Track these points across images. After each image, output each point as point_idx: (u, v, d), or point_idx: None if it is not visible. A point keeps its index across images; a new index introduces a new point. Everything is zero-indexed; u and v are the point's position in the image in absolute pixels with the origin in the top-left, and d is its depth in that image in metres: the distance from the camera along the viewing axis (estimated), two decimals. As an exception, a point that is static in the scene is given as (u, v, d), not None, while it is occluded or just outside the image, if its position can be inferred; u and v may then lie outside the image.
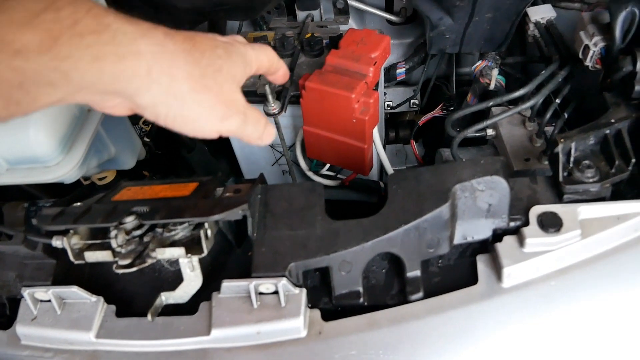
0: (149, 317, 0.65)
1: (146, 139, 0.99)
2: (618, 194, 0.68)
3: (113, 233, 0.64)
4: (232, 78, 0.57)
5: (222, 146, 1.26)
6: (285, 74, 0.73)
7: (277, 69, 0.70)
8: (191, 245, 0.64)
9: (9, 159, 0.65)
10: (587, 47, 0.75)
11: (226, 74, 0.56)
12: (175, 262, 0.74)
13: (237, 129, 0.58)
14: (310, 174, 1.00)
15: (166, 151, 1.07)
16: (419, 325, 0.64)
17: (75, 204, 0.70)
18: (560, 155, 0.66)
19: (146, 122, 1.02)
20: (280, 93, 0.90)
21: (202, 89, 0.53)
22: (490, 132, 0.89)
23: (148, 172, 1.04)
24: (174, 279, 0.73)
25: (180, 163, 1.15)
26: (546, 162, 0.83)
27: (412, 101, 1.24)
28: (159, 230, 0.66)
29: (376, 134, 0.88)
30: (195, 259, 0.66)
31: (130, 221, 0.65)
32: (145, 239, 0.66)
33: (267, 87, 0.85)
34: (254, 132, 0.60)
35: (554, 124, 0.84)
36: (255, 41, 0.97)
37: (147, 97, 0.51)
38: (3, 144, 0.63)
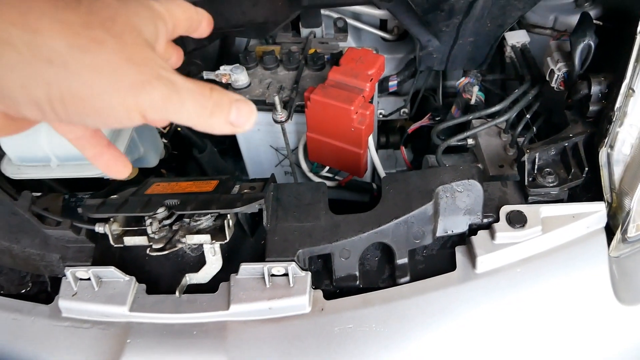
0: (177, 293, 0.76)
1: (164, 140, 1.09)
2: (574, 196, 0.81)
3: (148, 221, 0.75)
4: (135, 31, 0.41)
5: (229, 147, 1.38)
6: (210, 22, 0.56)
7: (199, 22, 0.53)
8: (215, 233, 0.75)
9: (60, 156, 0.75)
10: (552, 71, 0.88)
11: (124, 24, 0.40)
12: (196, 249, 0.85)
13: (165, 104, 0.39)
14: (311, 175, 1.11)
15: (181, 152, 1.18)
16: (406, 304, 0.76)
17: (112, 196, 0.81)
18: (526, 163, 0.78)
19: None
20: (287, 103, 1.01)
21: (90, 43, 0.37)
22: (470, 141, 1.01)
23: (165, 170, 1.15)
24: (195, 263, 0.84)
25: (192, 163, 1.26)
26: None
27: (402, 110, 1.36)
28: (186, 220, 0.77)
29: (371, 141, 1.00)
30: (217, 245, 0.77)
31: (161, 212, 0.76)
32: (174, 227, 0.77)
33: (276, 98, 0.96)
34: (197, 109, 0.41)
35: (525, 136, 0.96)
36: (264, 55, 1.08)
37: (6, 74, 0.36)
38: (56, 143, 0.74)
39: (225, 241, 0.74)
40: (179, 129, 1.13)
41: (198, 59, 1.23)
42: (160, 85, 0.39)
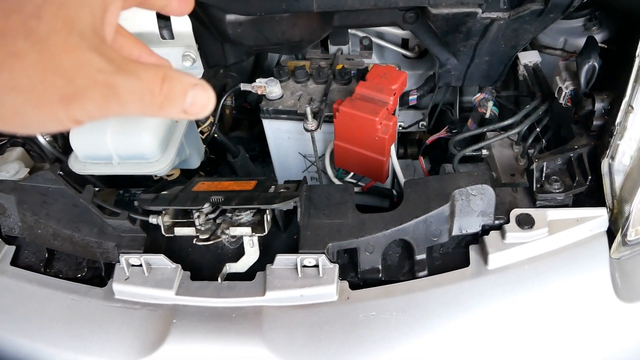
0: (219, 280, 0.86)
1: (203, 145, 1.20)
2: (578, 202, 0.89)
3: (195, 215, 0.85)
4: (67, 26, 0.35)
5: (259, 154, 1.48)
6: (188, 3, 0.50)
7: None
8: (255, 226, 0.85)
9: (121, 155, 0.86)
10: (561, 89, 0.97)
11: (53, 18, 0.34)
12: (234, 241, 0.94)
13: (102, 111, 0.36)
14: (336, 180, 1.21)
15: (217, 156, 1.28)
16: (423, 295, 0.85)
17: (163, 192, 0.91)
18: (535, 172, 0.87)
19: (201, 131, 1.23)
20: (316, 113, 1.11)
21: (5, 59, 0.33)
22: (484, 152, 1.10)
23: (203, 173, 1.26)
24: (233, 254, 0.94)
25: (225, 166, 1.36)
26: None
27: (421, 123, 1.45)
28: (229, 214, 0.87)
29: (393, 150, 1.10)
30: (255, 237, 0.87)
31: (207, 206, 0.86)
32: (218, 220, 0.87)
33: (307, 109, 1.06)
34: (142, 107, 0.38)
35: (535, 147, 1.05)
36: (295, 70, 1.18)
37: None
38: (119, 144, 0.85)
39: (264, 234, 0.84)
40: (215, 135, 1.23)
41: (234, 72, 1.34)
42: (95, 94, 0.35)
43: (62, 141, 1.24)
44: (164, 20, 0.94)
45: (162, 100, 0.39)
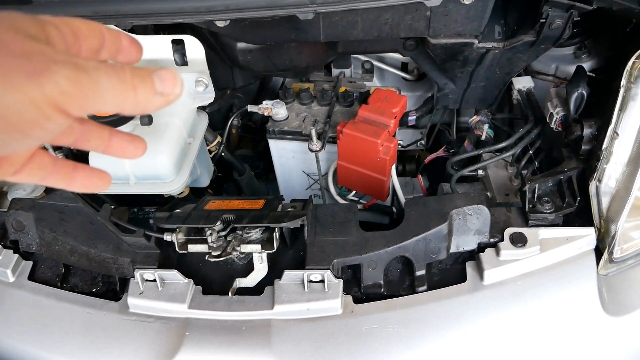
0: (230, 294, 0.91)
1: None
2: (568, 221, 0.94)
3: (208, 232, 0.90)
4: (12, 29, 0.37)
5: (263, 171, 1.53)
6: (139, 47, 0.49)
7: (116, 41, 0.46)
8: (264, 243, 0.90)
9: (138, 176, 0.91)
10: (552, 114, 1.03)
11: None
12: (243, 257, 0.99)
13: (77, 87, 0.36)
14: (338, 198, 1.26)
15: (224, 174, 1.34)
16: (423, 309, 0.90)
17: (176, 210, 0.96)
18: (527, 193, 0.93)
19: (210, 150, 1.28)
20: (320, 134, 1.17)
21: None
22: (480, 172, 1.15)
23: (211, 190, 1.31)
24: (242, 269, 0.99)
25: (230, 183, 1.41)
26: (522, 197, 1.10)
27: (419, 142, 1.51)
28: (239, 232, 0.92)
29: (393, 170, 1.15)
30: (264, 254, 0.92)
31: (219, 224, 0.91)
32: (229, 238, 0.92)
33: (313, 131, 1.12)
34: (116, 86, 0.38)
35: (528, 168, 1.10)
36: (300, 92, 1.24)
37: None
38: (136, 165, 0.90)
39: (273, 250, 0.89)
40: (222, 154, 1.29)
41: (240, 92, 1.40)
42: (62, 68, 0.35)
43: (72, 157, 1.30)
44: (178, 46, 1.00)
45: (131, 79, 0.39)
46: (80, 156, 1.29)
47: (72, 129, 0.47)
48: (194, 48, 0.97)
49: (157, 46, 0.98)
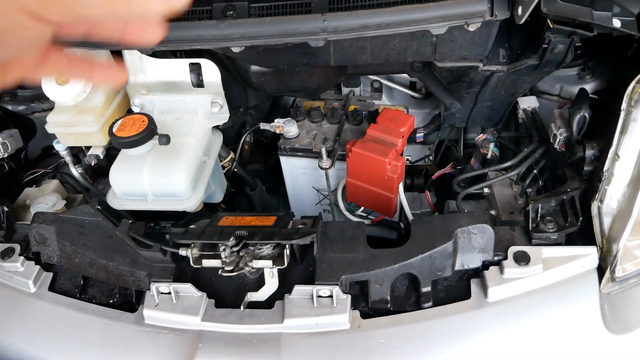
0: (242, 307, 0.94)
1: (224, 179, 1.29)
2: (570, 241, 0.97)
3: (222, 248, 0.94)
4: None
5: (273, 186, 1.57)
6: (121, 75, 0.50)
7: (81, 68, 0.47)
8: (275, 259, 0.93)
9: (156, 193, 0.95)
10: (555, 135, 1.06)
11: None
12: (255, 272, 1.02)
13: None
14: (347, 213, 1.30)
15: (236, 189, 1.38)
16: (428, 325, 0.93)
17: (191, 226, 1.00)
18: (531, 212, 0.95)
19: (223, 166, 1.32)
20: (330, 152, 1.20)
21: None
22: (486, 190, 1.18)
23: (223, 205, 1.35)
24: (254, 283, 1.02)
25: (242, 198, 1.45)
26: (526, 215, 1.12)
27: (427, 157, 1.54)
28: (251, 248, 0.96)
29: (401, 187, 1.18)
30: (275, 269, 0.95)
31: (232, 241, 0.95)
32: (241, 253, 0.95)
33: (323, 149, 1.16)
34: None
35: (533, 187, 1.13)
36: (311, 110, 1.28)
37: None
38: (154, 183, 0.94)
39: (284, 266, 0.92)
40: (235, 170, 1.33)
41: (253, 110, 1.44)
42: None
43: (91, 171, 1.35)
44: (195, 69, 1.04)
45: None
46: (100, 171, 1.34)
47: (60, 61, 0.46)
48: (210, 71, 1.01)
49: (175, 68, 1.02)
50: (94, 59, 0.49)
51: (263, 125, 1.26)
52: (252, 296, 0.97)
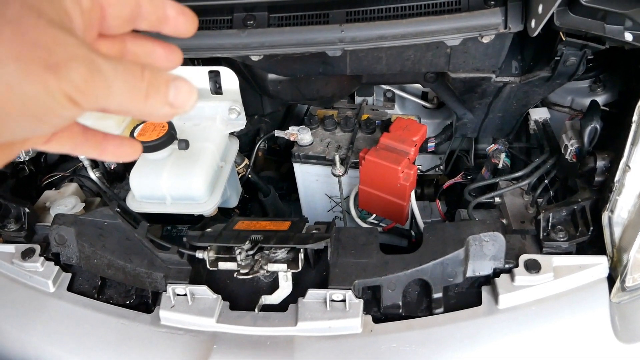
0: (256, 310, 0.96)
1: (236, 185, 1.31)
2: (581, 250, 0.98)
3: (237, 251, 0.96)
4: (34, 12, 0.37)
5: (286, 193, 1.60)
6: (189, 18, 0.46)
7: (159, 11, 0.45)
8: (290, 263, 0.95)
9: (174, 196, 0.98)
10: (566, 146, 1.07)
11: (19, 7, 0.36)
12: (269, 276, 1.04)
13: (89, 86, 0.37)
14: (359, 220, 1.31)
15: (249, 195, 1.40)
16: (439, 330, 0.94)
17: (208, 230, 1.02)
18: (542, 221, 0.97)
19: (237, 172, 1.35)
20: (343, 160, 1.23)
21: None
22: (497, 199, 1.19)
23: (237, 210, 1.37)
24: (267, 286, 1.04)
25: (255, 204, 1.48)
26: (537, 225, 1.13)
27: (438, 167, 1.55)
28: (266, 252, 0.98)
29: (413, 195, 1.20)
30: (289, 273, 0.97)
31: (247, 244, 0.97)
32: (256, 257, 0.97)
33: (336, 157, 1.18)
34: (128, 90, 0.39)
35: (544, 197, 1.14)
36: (325, 119, 1.31)
37: None
38: (173, 186, 0.97)
39: (298, 270, 0.94)
40: (249, 176, 1.35)
41: (267, 118, 1.47)
42: (78, 65, 0.36)
43: (107, 176, 1.38)
44: (214, 76, 1.07)
45: (146, 88, 0.39)
46: (115, 176, 1.37)
47: (75, 133, 0.47)
48: (229, 79, 1.04)
49: (195, 76, 1.05)
50: (108, 135, 0.50)
51: (278, 133, 1.29)
52: (266, 299, 0.99)
